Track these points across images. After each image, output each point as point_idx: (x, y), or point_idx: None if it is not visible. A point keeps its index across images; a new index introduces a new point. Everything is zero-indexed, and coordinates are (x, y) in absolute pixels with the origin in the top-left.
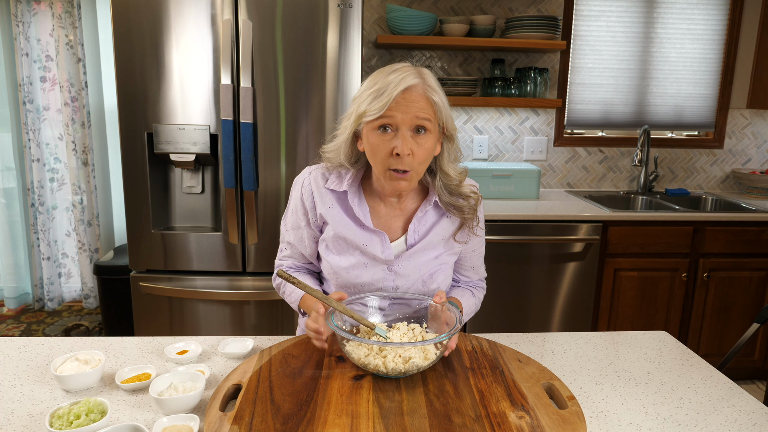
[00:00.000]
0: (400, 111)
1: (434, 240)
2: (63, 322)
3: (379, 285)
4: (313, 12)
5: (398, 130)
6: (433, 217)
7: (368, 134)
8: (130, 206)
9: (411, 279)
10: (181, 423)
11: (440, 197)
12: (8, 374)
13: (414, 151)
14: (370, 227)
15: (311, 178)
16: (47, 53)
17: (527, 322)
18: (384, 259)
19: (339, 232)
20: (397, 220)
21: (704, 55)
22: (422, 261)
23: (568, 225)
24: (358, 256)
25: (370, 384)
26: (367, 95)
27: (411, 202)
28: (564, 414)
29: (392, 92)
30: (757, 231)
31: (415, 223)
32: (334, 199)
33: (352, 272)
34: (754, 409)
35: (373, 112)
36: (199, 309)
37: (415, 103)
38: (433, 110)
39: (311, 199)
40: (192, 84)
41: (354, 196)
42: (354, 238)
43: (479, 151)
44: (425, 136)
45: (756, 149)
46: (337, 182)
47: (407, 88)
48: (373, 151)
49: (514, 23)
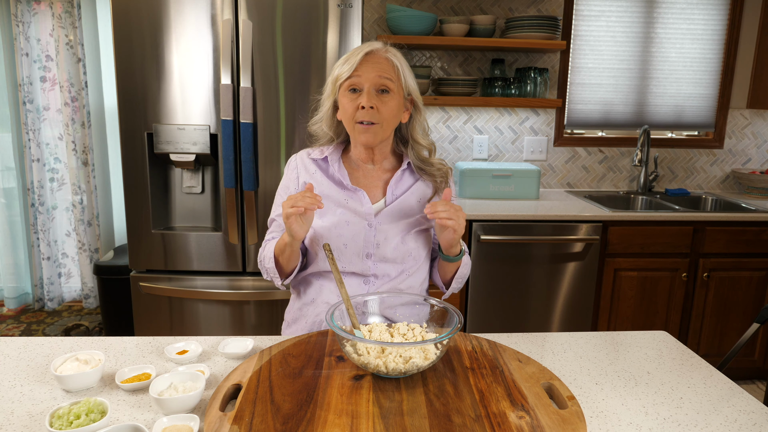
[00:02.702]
0: (364, 71)
1: (411, 200)
2: (63, 322)
3: (360, 242)
4: (313, 12)
5: (363, 88)
6: (410, 180)
7: (341, 99)
8: (130, 206)
9: (390, 234)
10: (181, 423)
11: (413, 162)
12: (8, 374)
13: (378, 107)
14: (349, 186)
15: (298, 157)
16: (47, 53)
17: (527, 322)
18: (365, 213)
19: (323, 192)
20: (375, 185)
21: (704, 55)
22: (400, 218)
23: (568, 225)
24: (339, 215)
25: (370, 384)
26: (339, 63)
27: (387, 169)
28: (564, 414)
29: (358, 54)
30: (757, 231)
31: (393, 185)
32: (316, 167)
33: (335, 231)
34: (754, 409)
35: (344, 73)
36: (199, 309)
37: (378, 64)
38: (395, 72)
39: (296, 173)
40: (192, 84)
41: (334, 162)
42: (335, 196)
43: (479, 151)
44: (389, 96)
45: (756, 149)
46: (319, 153)
47: (370, 51)
48: (344, 111)
49: (514, 23)
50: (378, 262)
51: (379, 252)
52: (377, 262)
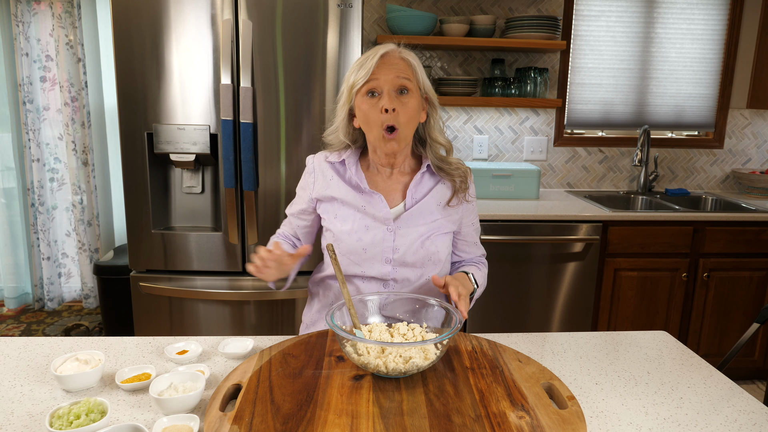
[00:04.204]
0: (382, 73)
1: (431, 203)
2: (63, 322)
3: (379, 247)
4: (313, 12)
5: (383, 91)
6: (430, 183)
7: (360, 105)
8: (130, 206)
9: (410, 239)
10: (181, 423)
11: (433, 163)
12: (8, 374)
13: (398, 108)
14: (367, 189)
15: (316, 161)
16: (47, 53)
17: (527, 322)
18: (383, 218)
19: (339, 197)
20: (394, 189)
21: (704, 55)
22: (420, 222)
23: (568, 225)
24: (359, 220)
25: (370, 384)
26: (354, 70)
27: (406, 173)
28: (564, 414)
29: (373, 58)
30: (757, 231)
31: (413, 189)
32: (333, 172)
33: (354, 236)
34: (754, 409)
35: (360, 79)
36: (199, 309)
37: (394, 65)
38: (411, 71)
39: (312, 178)
40: (192, 84)
41: (352, 166)
42: (354, 202)
43: (479, 151)
44: (408, 96)
45: (756, 149)
46: (337, 157)
47: (385, 53)
48: (365, 117)
49: (514, 23)
50: (398, 267)
51: (398, 257)
52: (397, 267)
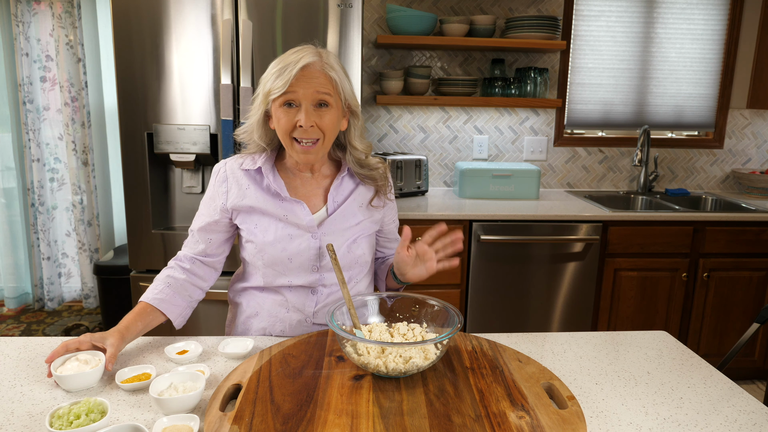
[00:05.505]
0: (301, 87)
1: (353, 206)
2: (63, 322)
3: (305, 255)
4: (313, 12)
5: (301, 105)
6: (350, 186)
7: (276, 112)
8: (130, 206)
9: (336, 245)
10: (181, 423)
11: (352, 168)
12: (8, 374)
13: (317, 123)
14: (288, 197)
15: (228, 168)
16: (47, 53)
17: (527, 322)
18: (307, 226)
19: (258, 206)
20: (315, 194)
21: (704, 55)
22: (345, 227)
23: (568, 225)
24: (281, 229)
25: (370, 384)
26: (271, 74)
27: (325, 176)
28: (564, 414)
29: (292, 70)
30: (757, 231)
31: (333, 192)
32: (249, 180)
33: (278, 246)
34: (754, 409)
35: (277, 89)
36: (199, 309)
37: (315, 79)
38: (332, 86)
39: (225, 187)
40: (192, 84)
41: (269, 173)
42: (274, 211)
43: (479, 151)
44: (327, 110)
45: (756, 149)
46: (251, 163)
47: (306, 65)
48: (282, 127)
49: (514, 23)
50: (325, 273)
51: (325, 263)
52: (324, 273)
